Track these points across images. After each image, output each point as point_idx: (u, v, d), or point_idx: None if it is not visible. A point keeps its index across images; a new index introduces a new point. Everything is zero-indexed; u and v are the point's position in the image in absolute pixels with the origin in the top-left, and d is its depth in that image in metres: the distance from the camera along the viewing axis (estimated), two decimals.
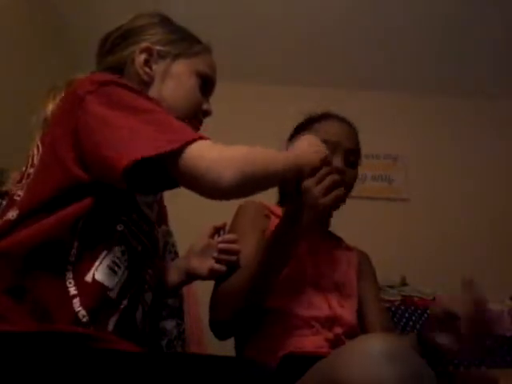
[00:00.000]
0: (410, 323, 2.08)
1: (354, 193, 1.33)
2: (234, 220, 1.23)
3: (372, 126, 2.48)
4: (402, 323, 2.07)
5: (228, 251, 1.07)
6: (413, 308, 2.16)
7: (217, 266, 1.05)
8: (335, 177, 1.00)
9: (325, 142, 1.25)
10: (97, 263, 0.77)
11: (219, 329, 1.12)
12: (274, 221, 1.23)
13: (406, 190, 2.76)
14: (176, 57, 0.98)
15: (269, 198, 1.32)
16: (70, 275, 0.74)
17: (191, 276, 1.08)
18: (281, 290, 1.12)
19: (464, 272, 2.77)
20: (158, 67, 0.97)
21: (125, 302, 0.80)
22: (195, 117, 0.99)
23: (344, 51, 2.62)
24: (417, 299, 2.24)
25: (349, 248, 1.32)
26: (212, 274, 1.06)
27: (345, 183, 1.21)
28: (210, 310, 1.13)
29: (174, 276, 1.09)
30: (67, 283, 0.73)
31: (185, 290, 1.50)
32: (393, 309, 2.13)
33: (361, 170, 1.40)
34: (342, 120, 1.31)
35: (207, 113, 1.02)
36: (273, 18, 2.43)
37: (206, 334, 1.64)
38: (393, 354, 0.72)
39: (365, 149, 1.35)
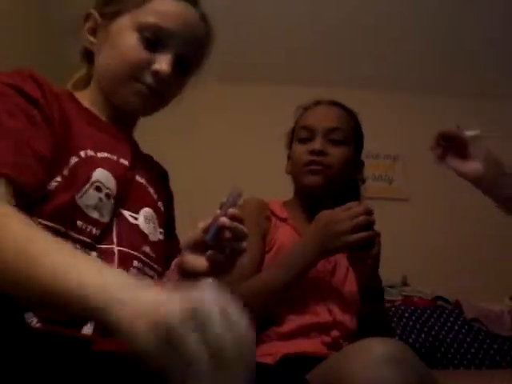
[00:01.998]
0: (410, 323, 2.07)
1: None
2: None
3: (372, 126, 2.47)
4: (402, 323, 2.07)
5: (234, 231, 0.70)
6: (413, 308, 2.15)
7: (218, 256, 0.73)
8: (369, 219, 1.04)
9: (303, 127, 1.26)
10: None
11: None
12: (275, 222, 1.22)
13: (406, 190, 2.75)
14: (115, 15, 0.84)
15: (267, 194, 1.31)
16: None
17: (189, 273, 0.80)
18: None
19: (464, 272, 2.76)
20: (101, 33, 0.86)
21: None
22: (138, 80, 0.83)
23: (344, 51, 2.62)
24: (417, 299, 2.24)
25: None
26: (213, 266, 0.75)
27: (327, 164, 1.21)
28: None
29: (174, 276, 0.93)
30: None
31: None
32: (393, 309, 2.13)
33: None
34: (323, 103, 1.30)
35: (157, 73, 0.82)
36: (273, 17, 2.43)
37: None
38: (396, 359, 0.72)
39: (365, 149, 1.35)
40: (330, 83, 2.66)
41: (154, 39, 0.82)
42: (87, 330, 0.72)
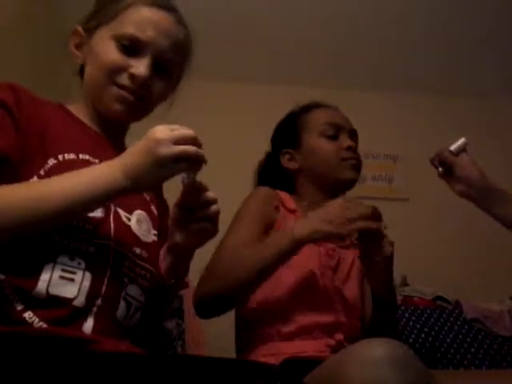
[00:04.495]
0: (410, 323, 2.07)
1: (354, 193, 1.33)
2: (244, 203, 1.22)
3: (372, 126, 2.48)
4: (401, 323, 2.07)
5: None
6: (413, 308, 2.15)
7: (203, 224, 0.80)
8: (368, 210, 1.03)
9: (330, 124, 1.29)
10: (44, 277, 0.71)
11: (210, 305, 1.10)
12: (284, 213, 1.22)
13: (406, 190, 2.75)
14: (95, 29, 0.89)
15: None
16: (9, 291, 0.71)
17: (181, 251, 0.86)
18: (285, 293, 1.12)
19: (464, 272, 2.76)
20: (85, 47, 0.91)
21: (98, 303, 0.75)
22: (115, 83, 0.86)
23: (344, 51, 2.62)
24: (417, 299, 2.24)
25: (355, 244, 1.31)
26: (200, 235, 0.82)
27: (360, 161, 1.29)
28: (204, 285, 1.09)
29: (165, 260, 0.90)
30: (10, 299, 0.70)
31: (185, 290, 1.50)
32: None
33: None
34: (331, 106, 1.37)
35: (134, 76, 0.85)
36: (273, 17, 2.43)
37: (206, 335, 1.64)
38: (396, 359, 0.72)
39: (365, 149, 1.35)
40: (329, 84, 2.67)
41: (130, 46, 0.86)
42: (87, 327, 0.73)
